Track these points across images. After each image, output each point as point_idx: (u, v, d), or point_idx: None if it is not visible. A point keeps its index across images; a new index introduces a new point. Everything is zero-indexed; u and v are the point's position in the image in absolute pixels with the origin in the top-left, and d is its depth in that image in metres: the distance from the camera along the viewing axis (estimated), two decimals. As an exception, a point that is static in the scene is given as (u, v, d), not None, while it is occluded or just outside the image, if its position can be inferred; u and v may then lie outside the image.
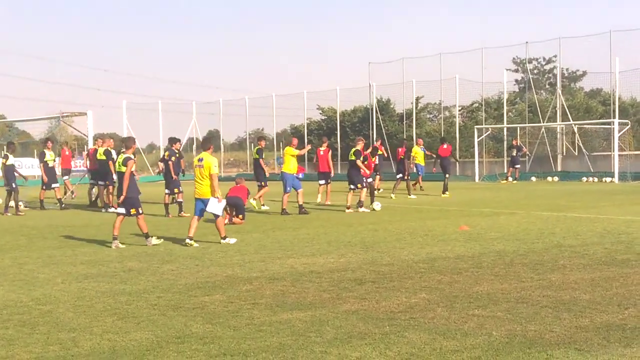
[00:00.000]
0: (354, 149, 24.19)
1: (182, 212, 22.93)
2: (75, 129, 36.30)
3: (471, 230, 17.45)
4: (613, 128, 42.39)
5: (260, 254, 14.24)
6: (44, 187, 27.67)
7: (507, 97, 55.05)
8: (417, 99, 57.99)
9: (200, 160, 16.21)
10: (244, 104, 62.51)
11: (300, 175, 24.39)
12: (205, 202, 16.07)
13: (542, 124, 49.49)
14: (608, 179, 41.33)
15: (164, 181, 24.66)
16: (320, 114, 65.44)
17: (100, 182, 26.39)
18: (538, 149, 49.86)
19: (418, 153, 34.38)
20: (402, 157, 31.86)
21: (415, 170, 34.88)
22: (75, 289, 10.94)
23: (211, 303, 9.75)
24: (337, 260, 13.28)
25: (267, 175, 26.27)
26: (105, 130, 72.57)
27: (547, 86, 70.65)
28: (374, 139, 49.99)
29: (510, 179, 42.69)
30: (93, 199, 27.57)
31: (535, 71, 78.21)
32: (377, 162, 28.66)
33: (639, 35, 46.43)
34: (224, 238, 15.94)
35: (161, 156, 26.14)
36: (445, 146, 32.61)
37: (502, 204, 25.92)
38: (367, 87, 57.15)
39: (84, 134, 32.20)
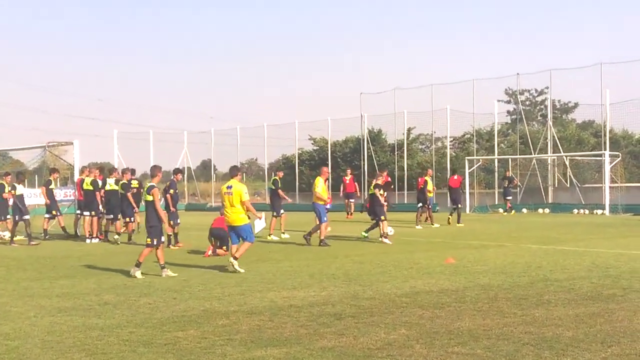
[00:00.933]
0: (374, 183, 24.61)
1: (179, 243, 22.74)
2: (61, 158, 36.03)
3: (457, 263, 17.21)
4: (604, 160, 42.27)
5: (240, 287, 13.97)
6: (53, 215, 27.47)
7: (499, 128, 55.06)
8: (409, 129, 58.00)
9: (229, 187, 16.48)
10: (236, 133, 62.32)
11: (328, 206, 24.05)
12: (236, 228, 16.39)
13: (533, 155, 49.38)
14: (599, 211, 41.14)
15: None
16: (312, 144, 65.41)
17: (85, 213, 26.08)
18: (529, 180, 49.65)
19: (428, 184, 33.58)
20: (422, 186, 32.25)
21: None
22: (47, 323, 10.65)
23: (184, 339, 9.49)
24: (318, 293, 13.02)
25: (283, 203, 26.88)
26: (97, 160, 72.43)
27: (539, 117, 70.81)
28: (365, 170, 49.89)
29: (513, 211, 42.46)
30: (77, 229, 27.31)
31: (527, 102, 78.39)
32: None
33: (629, 67, 46.51)
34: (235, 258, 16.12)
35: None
36: (455, 177, 33.59)
37: (491, 236, 25.68)
38: (359, 118, 57.06)
39: (70, 164, 31.98)
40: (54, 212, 27.56)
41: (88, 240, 25.08)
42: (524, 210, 43.50)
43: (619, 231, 27.21)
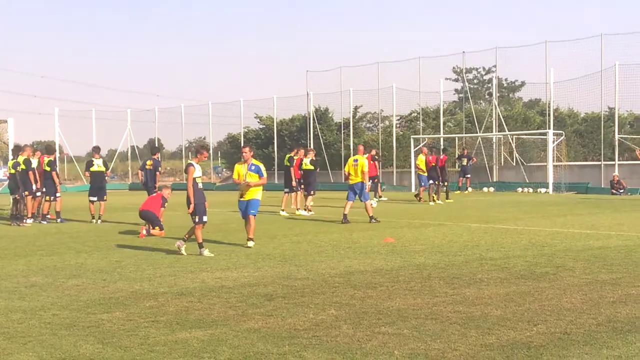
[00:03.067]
0: (311, 159, 27.07)
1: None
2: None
3: (396, 242, 17.17)
4: (548, 139, 42.61)
5: (173, 267, 13.76)
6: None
7: (446, 107, 55.22)
8: (356, 108, 57.92)
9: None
10: (180, 111, 61.81)
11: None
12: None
13: (479, 134, 49.65)
14: (543, 190, 41.55)
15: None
16: (258, 122, 65.06)
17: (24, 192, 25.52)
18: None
19: (422, 162, 33.65)
20: (433, 165, 33.12)
21: (419, 182, 34.81)
22: (-33, 307, 10.37)
23: (109, 321, 9.27)
24: (251, 274, 12.87)
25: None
26: (40, 138, 71.41)
27: (486, 96, 71.13)
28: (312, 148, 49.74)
29: (469, 189, 42.63)
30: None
31: (475, 81, 78.73)
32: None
33: (574, 45, 46.85)
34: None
35: (142, 165, 25.31)
36: (441, 157, 34.33)
37: (432, 215, 25.71)
38: (305, 96, 56.90)
39: (4, 142, 31.35)
40: None
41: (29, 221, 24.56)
42: (469, 189, 43.78)
43: (560, 210, 27.44)
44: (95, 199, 24.70)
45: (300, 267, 13.50)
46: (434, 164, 33.11)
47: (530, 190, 42.67)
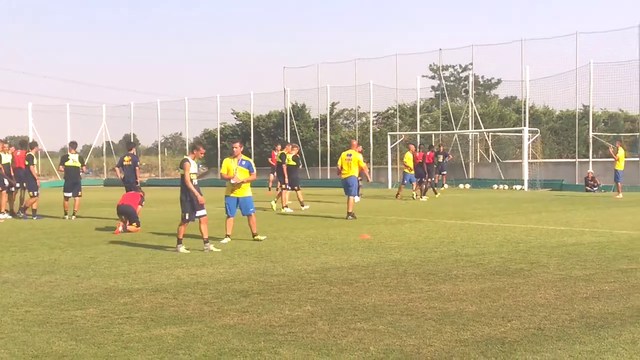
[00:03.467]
0: (294, 155, 27.71)
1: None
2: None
3: (372, 238, 17.18)
4: (523, 136, 42.79)
5: (148, 264, 13.69)
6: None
7: (423, 104, 55.29)
8: (333, 104, 57.91)
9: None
10: (156, 107, 61.52)
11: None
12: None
13: (455, 131, 49.79)
14: (518, 187, 41.74)
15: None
16: (235, 118, 64.87)
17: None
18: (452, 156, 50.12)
19: (409, 160, 33.70)
20: (420, 161, 33.38)
21: (403, 179, 35.04)
22: (-61, 304, 10.26)
23: (82, 317, 9.21)
24: (227, 270, 12.83)
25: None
26: (13, 134, 70.92)
27: (463, 93, 71.30)
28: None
29: (445, 186, 42.70)
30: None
31: (452, 78, 78.90)
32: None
33: (550, 43, 47.11)
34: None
35: (120, 161, 25.09)
36: (428, 153, 34.69)
37: (409, 211, 25.78)
38: (282, 92, 56.82)
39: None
40: None
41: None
42: (445, 185, 43.87)
43: (534, 206, 27.56)
44: (70, 194, 24.54)
45: (276, 264, 13.48)
46: (420, 161, 33.33)
47: (506, 187, 42.89)
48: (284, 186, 26.87)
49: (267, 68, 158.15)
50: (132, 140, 43.39)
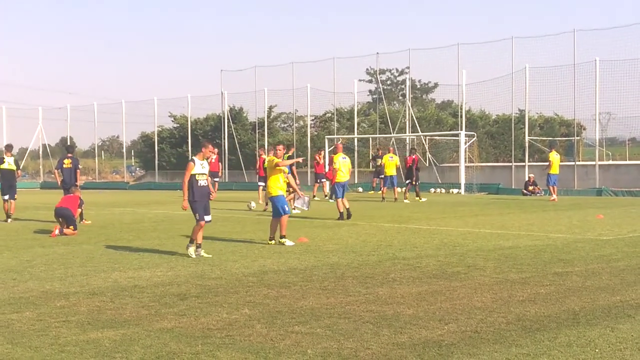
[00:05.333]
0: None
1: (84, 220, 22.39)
2: None
3: (310, 242, 17.22)
4: (460, 140, 43.24)
5: (85, 267, 13.56)
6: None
7: (361, 107, 55.55)
8: (270, 107, 57.89)
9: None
10: (93, 110, 60.87)
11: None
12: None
13: (392, 134, 50.08)
14: (455, 190, 42.16)
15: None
16: (172, 121, 64.47)
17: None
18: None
19: (390, 163, 34.51)
20: (410, 165, 34.42)
21: (385, 182, 35.81)
22: None
23: (18, 321, 9.10)
24: (164, 273, 12.77)
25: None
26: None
27: (400, 97, 71.92)
28: (226, 148, 49.41)
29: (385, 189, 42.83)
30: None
31: (389, 82, 79.46)
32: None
33: (485, 48, 47.69)
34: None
35: (59, 164, 24.77)
36: (409, 157, 35.66)
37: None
38: (220, 95, 56.64)
39: None
40: None
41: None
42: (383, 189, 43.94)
43: (471, 210, 27.88)
44: (7, 197, 24.16)
45: (214, 267, 13.45)
46: (410, 164, 34.15)
47: (443, 190, 43.26)
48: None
49: (205, 71, 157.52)
50: (69, 143, 42.83)
